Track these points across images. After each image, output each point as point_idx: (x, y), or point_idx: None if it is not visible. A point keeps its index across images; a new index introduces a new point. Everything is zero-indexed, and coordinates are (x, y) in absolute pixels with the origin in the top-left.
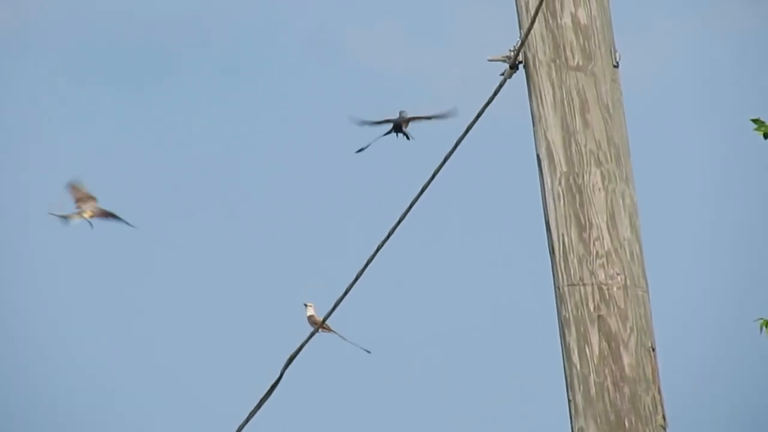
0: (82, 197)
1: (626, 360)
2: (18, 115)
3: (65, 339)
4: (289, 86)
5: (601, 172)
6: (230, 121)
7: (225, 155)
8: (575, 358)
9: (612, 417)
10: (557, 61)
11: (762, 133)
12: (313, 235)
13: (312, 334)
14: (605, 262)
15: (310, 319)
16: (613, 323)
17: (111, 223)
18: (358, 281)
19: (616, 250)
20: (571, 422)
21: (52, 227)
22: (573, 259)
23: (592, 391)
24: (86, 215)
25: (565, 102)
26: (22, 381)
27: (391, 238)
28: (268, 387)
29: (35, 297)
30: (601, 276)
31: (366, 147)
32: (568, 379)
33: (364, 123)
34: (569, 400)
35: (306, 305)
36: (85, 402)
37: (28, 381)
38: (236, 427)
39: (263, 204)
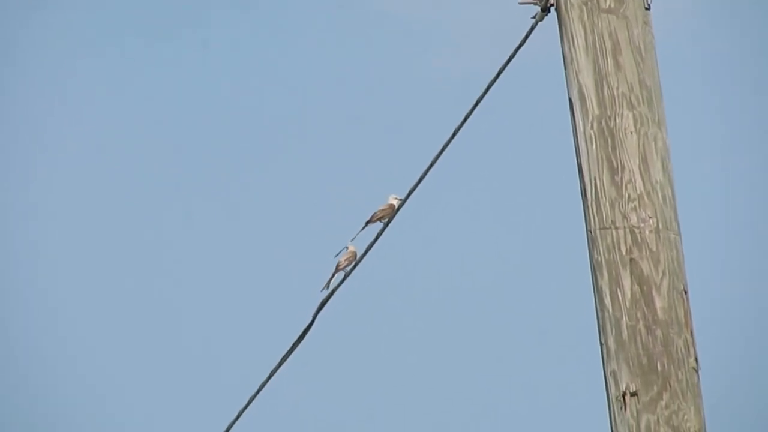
0: None
1: (658, 303)
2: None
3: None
4: (310, 31)
5: (633, 116)
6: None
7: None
8: (607, 301)
9: (644, 360)
10: (589, 3)
11: None
12: (344, 180)
13: (343, 279)
14: (637, 206)
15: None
16: (645, 266)
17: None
18: (391, 225)
19: (648, 194)
20: (604, 366)
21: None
22: (605, 203)
23: (625, 334)
24: None
25: (597, 45)
26: (57, 360)
27: (422, 182)
28: (301, 331)
29: (55, 276)
30: (633, 219)
31: (327, 286)
32: (601, 323)
33: None
34: (601, 344)
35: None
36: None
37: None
38: (269, 371)
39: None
